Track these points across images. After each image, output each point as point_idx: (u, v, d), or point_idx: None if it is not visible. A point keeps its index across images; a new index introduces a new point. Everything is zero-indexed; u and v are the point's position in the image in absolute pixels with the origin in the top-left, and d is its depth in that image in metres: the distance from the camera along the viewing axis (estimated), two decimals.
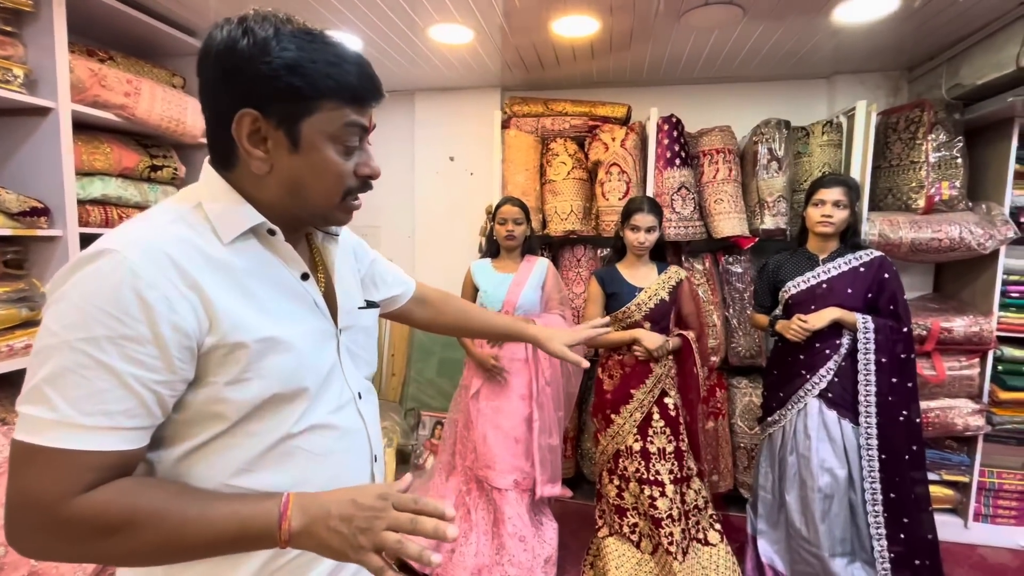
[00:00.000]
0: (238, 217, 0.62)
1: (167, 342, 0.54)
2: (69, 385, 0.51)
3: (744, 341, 2.52)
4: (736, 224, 2.42)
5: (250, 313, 0.59)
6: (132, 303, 0.52)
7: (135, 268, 0.53)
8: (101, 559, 0.56)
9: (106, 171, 1.90)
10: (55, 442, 0.52)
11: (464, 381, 2.25)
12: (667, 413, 1.92)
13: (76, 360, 0.51)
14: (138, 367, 0.53)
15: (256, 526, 0.55)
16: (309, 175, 0.62)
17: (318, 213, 0.66)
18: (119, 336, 0.52)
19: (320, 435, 0.65)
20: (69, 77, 1.71)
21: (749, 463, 2.52)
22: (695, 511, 1.93)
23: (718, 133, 2.52)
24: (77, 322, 0.52)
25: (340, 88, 0.60)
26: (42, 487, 0.52)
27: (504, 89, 3.01)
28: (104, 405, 0.52)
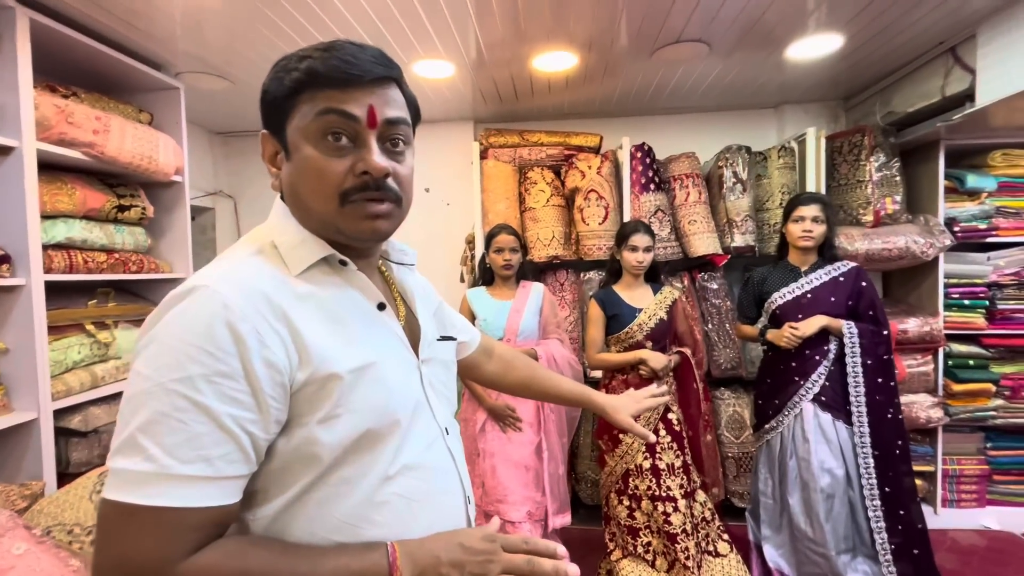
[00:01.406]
0: (306, 249, 0.60)
1: (259, 378, 0.51)
2: (165, 431, 0.47)
3: (725, 353, 2.64)
4: (710, 243, 2.56)
5: (338, 344, 0.56)
6: (225, 337, 0.50)
7: (227, 301, 0.51)
8: None
9: (70, 213, 1.76)
10: (154, 499, 0.47)
11: (463, 415, 2.20)
12: (672, 428, 1.96)
13: (172, 403, 0.48)
14: (234, 406, 0.50)
15: (355, 565, 0.53)
16: (298, 179, 0.59)
17: (327, 222, 0.60)
18: (214, 373, 0.49)
19: (415, 476, 0.61)
20: (34, 114, 1.59)
21: (738, 472, 2.60)
22: (704, 523, 1.97)
23: (685, 159, 2.68)
24: (171, 363, 0.49)
25: (306, 76, 0.56)
26: (144, 553, 0.47)
27: (477, 121, 3.07)
28: (203, 450, 0.48)
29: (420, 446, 0.63)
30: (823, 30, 2.04)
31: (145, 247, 2.04)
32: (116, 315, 1.94)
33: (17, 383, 1.56)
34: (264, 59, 2.15)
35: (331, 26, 1.88)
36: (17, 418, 1.52)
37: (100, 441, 1.77)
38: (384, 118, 0.59)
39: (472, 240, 2.81)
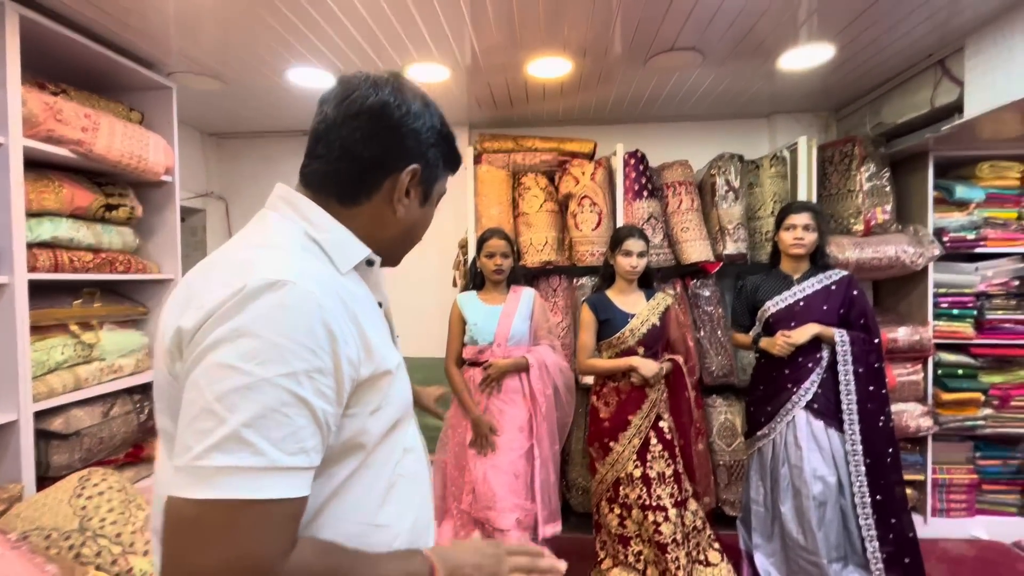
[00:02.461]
0: (352, 249, 0.64)
1: (344, 374, 0.54)
2: (272, 425, 0.48)
3: (717, 361, 2.64)
4: (703, 250, 2.57)
5: (384, 342, 0.62)
6: (323, 335, 0.52)
7: (320, 300, 0.52)
8: None
9: (57, 211, 1.73)
10: (267, 492, 0.47)
11: (451, 420, 2.18)
12: (663, 437, 1.95)
13: (279, 398, 0.48)
14: (324, 400, 0.52)
15: (410, 569, 0.58)
16: (420, 224, 0.73)
17: (402, 253, 0.74)
18: (314, 369, 0.51)
19: (412, 458, 0.68)
20: (21, 110, 1.57)
21: (729, 480, 2.60)
22: (695, 532, 1.95)
23: (678, 167, 2.69)
24: (275, 358, 0.49)
25: (456, 163, 0.74)
26: (262, 548, 0.47)
27: (471, 126, 3.07)
28: (303, 443, 0.50)
29: (414, 432, 0.71)
30: (815, 41, 2.06)
31: (133, 247, 2.02)
32: (102, 316, 1.91)
33: None
34: (258, 60, 2.15)
35: (326, 28, 1.88)
36: None
37: (82, 444, 1.73)
38: None
39: (465, 245, 2.80)
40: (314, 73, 2.27)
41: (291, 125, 3.04)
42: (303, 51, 2.06)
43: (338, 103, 0.64)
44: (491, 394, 2.04)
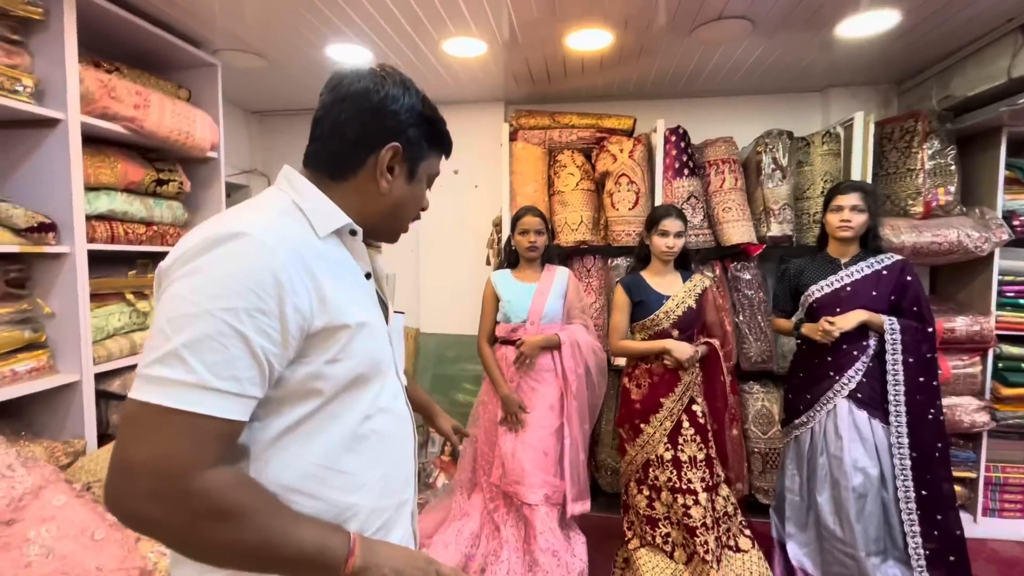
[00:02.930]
0: (331, 217, 0.69)
1: (288, 320, 0.59)
2: (207, 350, 0.54)
3: (756, 346, 2.56)
4: (745, 232, 2.47)
5: (346, 299, 0.65)
6: (269, 282, 0.57)
7: (274, 251, 0.58)
8: (199, 546, 0.57)
9: (112, 185, 1.82)
10: (193, 406, 0.53)
11: (482, 396, 2.21)
12: (696, 421, 1.92)
13: (217, 328, 0.54)
14: (265, 339, 0.57)
15: (330, 555, 0.60)
16: (410, 201, 0.77)
17: (394, 230, 0.79)
18: (255, 309, 0.56)
19: (387, 419, 0.72)
20: (79, 88, 1.64)
21: (764, 468, 2.54)
22: (725, 518, 1.93)
23: (722, 144, 2.58)
24: (218, 293, 0.55)
25: (445, 145, 0.80)
26: (177, 452, 0.53)
27: (508, 103, 3.03)
28: (235, 371, 0.55)
29: (390, 394, 0.74)
30: (877, 6, 1.91)
31: (182, 221, 2.10)
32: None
33: (62, 347, 1.64)
34: (299, 38, 2.17)
35: (364, 3, 1.87)
36: (61, 379, 1.61)
37: None
38: None
39: (499, 223, 2.79)
40: (353, 49, 2.27)
41: None
42: (342, 26, 2.06)
43: (330, 91, 0.72)
44: (523, 372, 2.05)
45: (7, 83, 1.50)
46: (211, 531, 0.55)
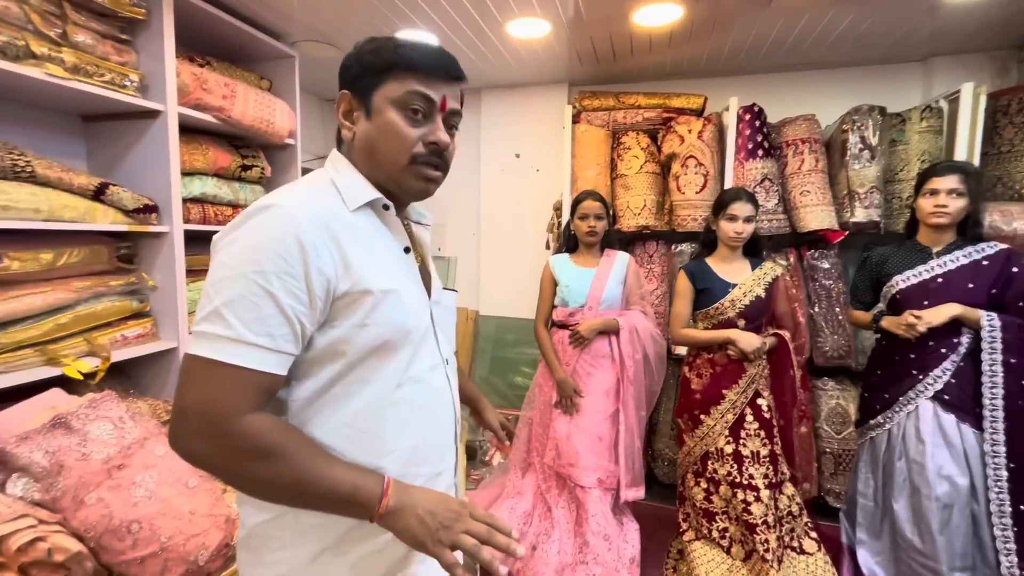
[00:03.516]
0: (361, 191, 0.73)
1: (313, 282, 0.64)
2: (242, 309, 0.61)
3: (831, 340, 2.40)
4: (824, 217, 2.30)
5: (373, 268, 0.69)
6: (294, 246, 0.63)
7: (297, 219, 0.64)
8: (243, 480, 0.64)
9: (204, 171, 1.99)
10: (232, 358, 0.61)
11: (538, 379, 2.23)
12: (761, 415, 1.83)
13: (250, 289, 0.61)
14: (293, 299, 0.63)
15: (363, 494, 0.64)
16: (378, 136, 0.73)
17: (392, 176, 0.75)
18: (283, 272, 0.62)
19: (420, 389, 0.75)
20: (176, 81, 1.80)
21: (836, 469, 2.39)
22: (789, 518, 1.84)
23: (802, 122, 2.40)
24: (251, 259, 0.62)
25: (402, 60, 0.72)
26: (219, 398, 0.61)
27: (571, 84, 2.97)
28: (269, 328, 0.62)
29: (425, 366, 0.76)
30: None
31: None
32: None
33: (163, 316, 1.84)
34: (370, 27, 2.24)
35: None
36: (162, 345, 1.80)
37: None
38: (450, 108, 0.75)
39: (560, 207, 2.77)
40: (421, 35, 2.32)
41: None
42: (408, 12, 2.11)
43: None
44: (580, 356, 2.04)
45: (117, 79, 1.67)
46: (252, 467, 0.62)
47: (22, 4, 1.43)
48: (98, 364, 1.61)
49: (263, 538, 0.71)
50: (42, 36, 1.48)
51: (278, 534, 0.71)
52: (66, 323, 1.59)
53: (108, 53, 1.66)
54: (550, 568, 1.86)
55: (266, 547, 0.71)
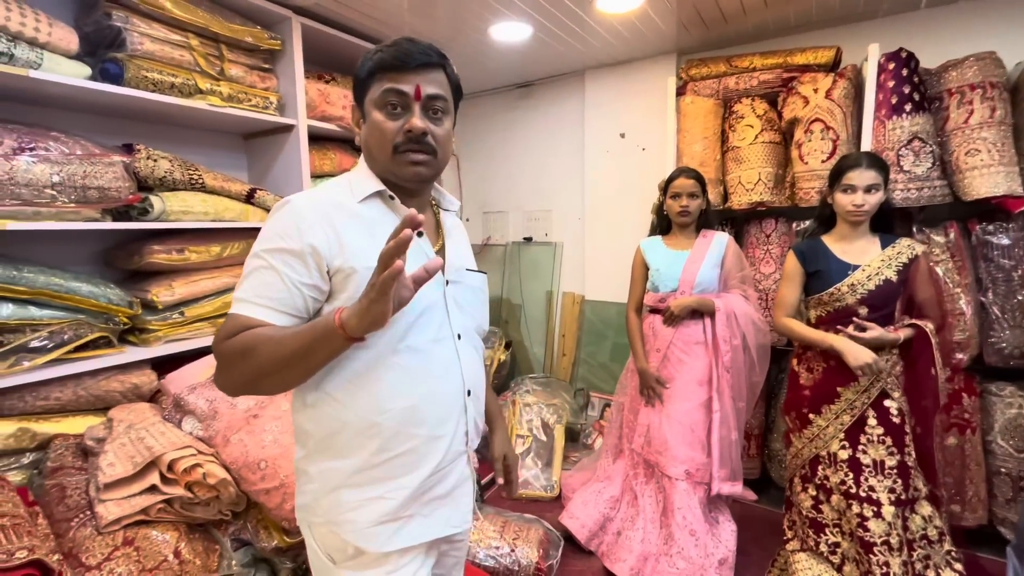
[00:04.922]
0: (366, 184, 0.86)
1: (306, 255, 0.77)
2: (252, 279, 0.78)
3: (1010, 335, 1.92)
4: (1001, 180, 1.84)
5: (369, 249, 0.78)
6: (291, 227, 0.78)
7: (297, 208, 0.80)
8: (243, 378, 0.76)
9: (331, 172, 2.31)
10: (234, 309, 0.78)
11: (630, 364, 2.17)
12: (888, 419, 1.56)
13: (258, 263, 0.78)
14: (291, 270, 0.77)
15: (321, 325, 0.72)
16: (369, 136, 0.85)
17: (386, 168, 0.85)
18: (280, 249, 0.77)
19: (417, 357, 0.83)
20: (305, 99, 2.12)
21: (1014, 495, 1.93)
22: (924, 543, 1.55)
23: (973, 63, 1.93)
24: (262, 240, 0.80)
25: (376, 65, 0.82)
26: (217, 336, 0.78)
27: (680, 53, 2.77)
28: (268, 293, 0.77)
29: (427, 338, 0.84)
30: None
31: None
32: None
33: None
34: (466, 24, 2.36)
35: None
36: None
37: None
38: (426, 94, 0.82)
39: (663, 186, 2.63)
40: (513, 27, 2.38)
41: (501, 81, 3.27)
42: (500, 7, 2.17)
43: None
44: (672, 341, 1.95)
45: (261, 102, 2.03)
46: (243, 366, 0.75)
47: (192, 51, 1.82)
48: None
49: (299, 472, 0.89)
50: (205, 74, 1.86)
51: (307, 468, 0.86)
52: (229, 302, 2.00)
53: (255, 82, 2.03)
54: (633, 555, 1.84)
55: (302, 479, 0.88)
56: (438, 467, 0.86)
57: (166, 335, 1.81)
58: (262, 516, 1.52)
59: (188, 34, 1.80)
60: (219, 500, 1.44)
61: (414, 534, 0.86)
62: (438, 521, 0.89)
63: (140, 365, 1.77)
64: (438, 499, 0.88)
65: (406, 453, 0.83)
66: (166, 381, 1.75)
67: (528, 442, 2.64)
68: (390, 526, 0.84)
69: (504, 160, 3.50)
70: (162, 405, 1.72)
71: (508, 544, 1.89)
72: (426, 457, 0.85)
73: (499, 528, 1.97)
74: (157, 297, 1.77)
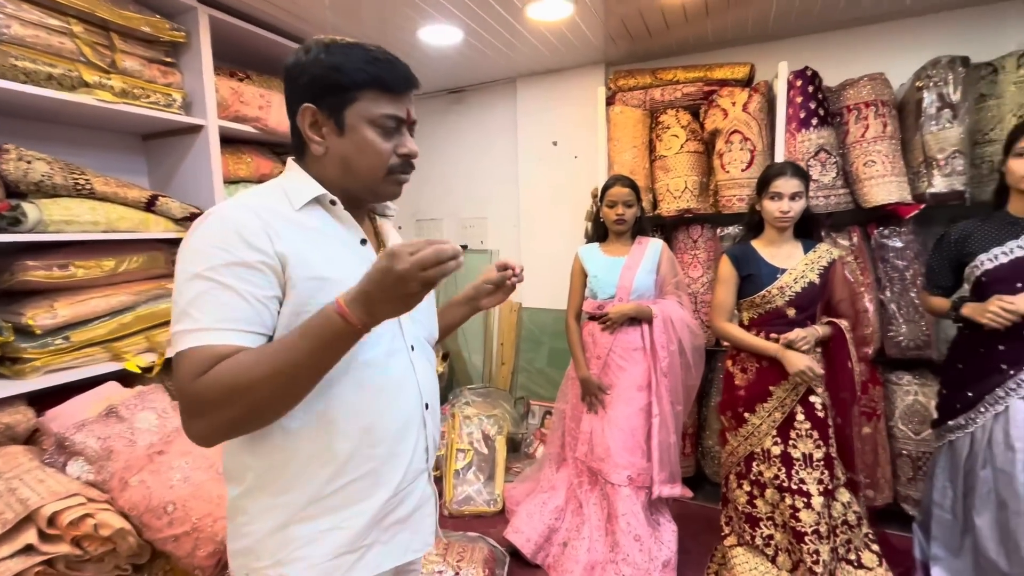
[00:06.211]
0: (305, 189, 0.77)
1: (262, 265, 0.69)
2: (203, 304, 0.67)
3: (906, 329, 2.12)
4: (894, 189, 2.03)
5: (314, 257, 0.73)
6: (234, 238, 0.68)
7: (232, 217, 0.70)
8: (233, 415, 0.65)
9: (248, 178, 2.12)
10: (193, 343, 0.66)
11: (571, 372, 2.17)
12: (814, 413, 1.66)
13: (206, 286, 0.67)
14: (250, 285, 0.68)
15: (317, 322, 0.64)
16: (354, 153, 0.77)
17: (368, 186, 0.80)
18: (229, 262, 0.68)
19: (371, 372, 0.77)
20: (215, 97, 1.92)
21: (914, 474, 2.12)
22: (845, 527, 1.66)
23: (867, 83, 2.13)
24: (200, 259, 0.68)
25: (372, 79, 0.75)
26: (182, 378, 0.65)
27: (608, 64, 2.84)
28: (230, 313, 0.67)
29: (380, 352, 0.78)
30: None
31: None
32: None
33: None
34: (392, 26, 2.27)
35: None
36: None
37: None
38: (413, 120, 0.82)
39: (597, 194, 2.67)
40: (443, 30, 2.32)
41: (433, 86, 3.19)
42: (427, 8, 2.11)
43: None
44: (611, 348, 1.96)
45: (163, 99, 1.81)
46: (233, 397, 0.64)
47: (74, 39, 1.59)
48: (155, 359, 1.77)
49: (235, 511, 0.78)
50: (93, 66, 1.63)
51: (246, 506, 0.76)
52: (128, 323, 1.76)
53: (155, 76, 1.81)
54: (579, 565, 1.81)
55: (239, 520, 0.77)
56: (398, 488, 0.80)
57: (46, 364, 1.55)
58: (170, 567, 1.34)
59: (69, 19, 1.57)
60: (116, 554, 1.24)
61: (374, 564, 0.79)
62: (398, 547, 0.82)
63: (13, 401, 1.50)
64: (399, 523, 0.82)
65: (364, 476, 0.77)
66: (46, 419, 1.50)
67: (469, 456, 2.56)
68: (348, 558, 0.76)
69: (437, 167, 3.42)
70: (42, 447, 1.47)
71: (452, 567, 1.80)
72: (385, 478, 0.79)
73: (442, 551, 1.88)
74: (34, 320, 1.51)
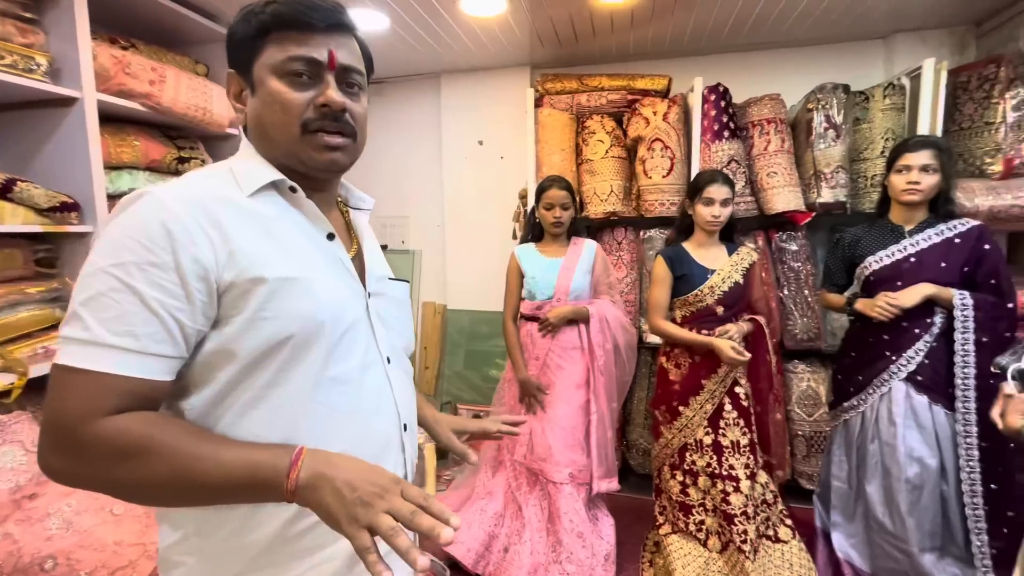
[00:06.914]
0: (258, 173, 0.65)
1: (186, 271, 0.56)
2: (100, 307, 0.54)
3: (801, 323, 2.38)
4: (791, 198, 2.27)
5: (272, 253, 0.61)
6: (158, 232, 0.56)
7: (165, 205, 0.57)
8: (114, 486, 0.55)
9: (134, 164, 1.82)
10: (85, 363, 0.53)
11: (507, 375, 2.15)
12: (739, 403, 1.79)
13: (108, 284, 0.54)
14: (161, 292, 0.55)
15: (265, 473, 0.54)
16: (264, 111, 0.65)
17: (290, 152, 0.66)
18: (145, 262, 0.55)
19: (343, 391, 0.65)
20: (93, 65, 1.62)
21: (808, 452, 2.39)
22: (764, 506, 1.81)
23: (768, 102, 2.36)
24: (109, 251, 0.55)
25: (272, 18, 0.63)
26: (67, 408, 0.53)
27: (534, 67, 2.87)
28: (131, 327, 0.54)
29: (353, 365, 0.66)
30: None
31: None
32: None
33: None
34: None
35: None
36: None
37: None
38: (341, 64, 0.66)
39: (525, 195, 2.68)
40: (370, 15, 2.18)
41: None
42: None
43: None
44: (550, 349, 1.97)
45: (21, 62, 1.49)
46: (119, 472, 0.53)
47: None
48: (14, 381, 1.44)
49: (170, 563, 0.64)
50: None
51: (183, 559, 0.63)
52: None
53: (10, 34, 1.48)
54: (523, 570, 1.79)
55: (172, 573, 0.64)
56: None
57: None
58: None
59: None
60: None
61: None
62: None
63: None
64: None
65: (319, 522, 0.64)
66: None
67: None
68: None
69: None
70: None
71: None
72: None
73: None
74: None
